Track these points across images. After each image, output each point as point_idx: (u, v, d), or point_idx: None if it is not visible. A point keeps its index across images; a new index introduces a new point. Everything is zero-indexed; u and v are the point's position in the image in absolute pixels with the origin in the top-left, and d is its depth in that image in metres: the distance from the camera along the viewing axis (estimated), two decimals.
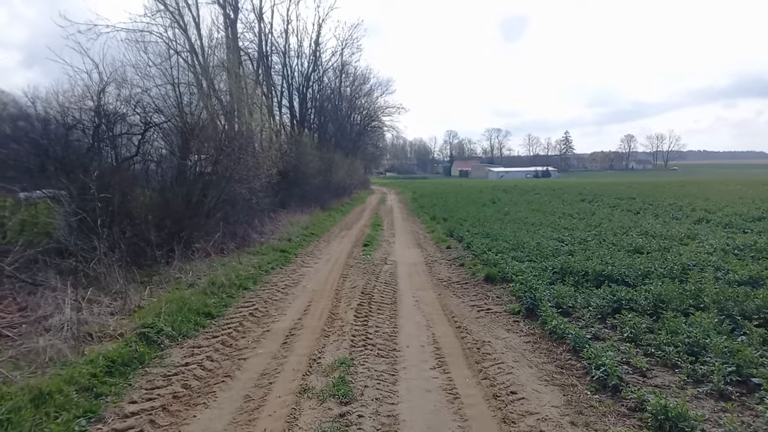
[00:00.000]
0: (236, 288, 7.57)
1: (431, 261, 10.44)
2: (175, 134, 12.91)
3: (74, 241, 7.78)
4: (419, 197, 33.50)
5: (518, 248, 10.11)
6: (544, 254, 9.16)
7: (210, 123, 15.03)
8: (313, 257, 10.95)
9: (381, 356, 4.92)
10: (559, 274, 7.72)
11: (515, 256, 9.31)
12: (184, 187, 12.27)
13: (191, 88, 16.24)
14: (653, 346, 4.85)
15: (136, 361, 4.65)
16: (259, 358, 4.92)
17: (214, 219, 12.28)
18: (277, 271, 9.26)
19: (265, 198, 17.70)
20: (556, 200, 24.21)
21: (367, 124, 55.70)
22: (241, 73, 22.69)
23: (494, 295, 7.40)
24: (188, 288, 7.29)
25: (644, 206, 18.75)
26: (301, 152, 26.14)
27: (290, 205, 19.98)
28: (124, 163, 11.60)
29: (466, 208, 21.05)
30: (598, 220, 13.97)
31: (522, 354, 5.05)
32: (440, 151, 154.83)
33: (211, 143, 13.22)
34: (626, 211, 17.56)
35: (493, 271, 8.33)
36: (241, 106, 16.75)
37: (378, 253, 11.38)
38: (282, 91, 30.72)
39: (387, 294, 7.56)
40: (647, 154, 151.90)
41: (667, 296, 5.96)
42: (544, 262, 8.48)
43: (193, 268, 8.39)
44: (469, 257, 10.25)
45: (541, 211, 17.79)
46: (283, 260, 10.21)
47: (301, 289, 7.93)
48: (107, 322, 5.61)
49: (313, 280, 8.53)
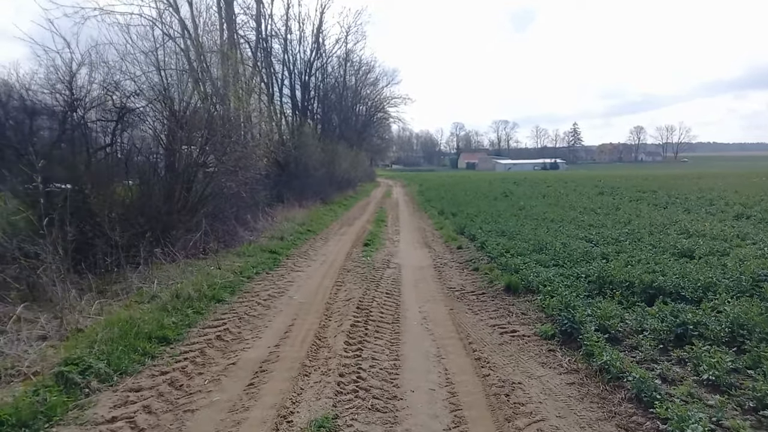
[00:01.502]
0: (207, 301, 6.31)
1: (440, 264, 9.14)
2: (160, 122, 11.69)
3: (17, 244, 6.55)
4: (426, 190, 32.13)
5: (541, 250, 8.77)
6: (573, 258, 7.81)
7: (200, 110, 13.74)
8: (307, 259, 9.68)
9: (376, 409, 3.62)
10: (595, 285, 6.38)
11: (539, 260, 7.97)
12: (164, 180, 11.07)
13: (181, 74, 14.96)
14: (750, 397, 3.54)
15: (41, 419, 3.40)
16: (211, 410, 3.64)
17: (198, 215, 11.06)
18: (262, 277, 7.99)
19: (261, 191, 16.51)
20: (572, 193, 22.75)
21: (372, 115, 54.31)
22: (238, 57, 21.37)
23: (518, 310, 6.08)
24: (148, 301, 6.04)
25: (670, 200, 17.27)
26: (302, 143, 24.86)
27: (289, 199, 18.72)
28: (98, 154, 10.36)
29: (477, 201, 19.66)
30: (626, 216, 12.55)
31: (567, 404, 3.74)
32: (447, 143, 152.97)
33: (198, 132, 11.97)
34: (651, 205, 16.12)
35: (515, 279, 7.00)
36: (228, 90, 15.41)
37: (380, 254, 10.08)
38: (283, 79, 29.32)
39: (388, 309, 6.26)
40: (656, 146, 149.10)
41: (748, 320, 4.61)
42: (575, 269, 7.13)
43: (161, 275, 7.14)
44: (484, 260, 8.93)
45: (559, 206, 16.38)
46: (272, 263, 8.94)
47: (285, 301, 6.66)
48: (27, 353, 4.36)
49: (302, 289, 7.25)
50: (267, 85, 27.22)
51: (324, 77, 35.34)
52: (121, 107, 10.64)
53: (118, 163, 10.62)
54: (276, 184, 21.01)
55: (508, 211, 15.09)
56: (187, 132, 11.69)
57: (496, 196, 21.94)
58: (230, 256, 9.45)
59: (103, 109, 10.82)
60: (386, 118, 59.53)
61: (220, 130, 12.76)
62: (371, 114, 53.74)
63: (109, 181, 9.01)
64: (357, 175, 39.53)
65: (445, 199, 22.33)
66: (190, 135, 11.75)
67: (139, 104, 10.85)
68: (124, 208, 9.28)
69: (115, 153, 11.14)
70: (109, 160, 10.49)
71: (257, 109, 24.99)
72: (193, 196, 11.40)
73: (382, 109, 55.64)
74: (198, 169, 11.53)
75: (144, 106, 10.83)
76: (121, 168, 10.65)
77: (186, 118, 11.62)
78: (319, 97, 34.95)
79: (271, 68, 26.95)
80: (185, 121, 11.62)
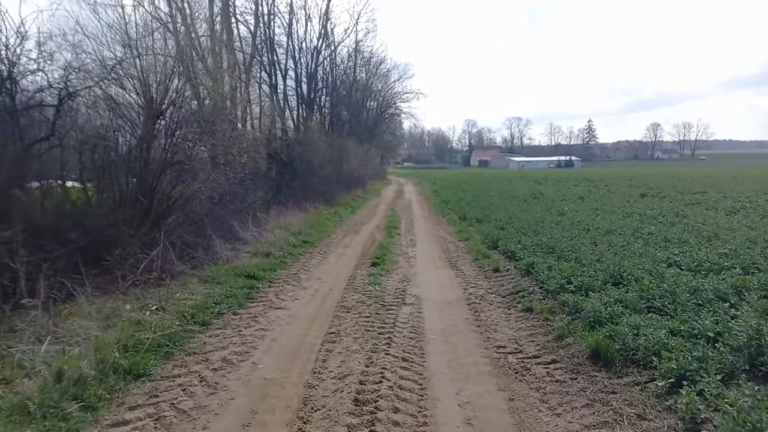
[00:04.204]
0: (117, 379, 3.92)
1: (475, 297, 6.67)
2: (123, 110, 9.47)
3: None
4: (440, 189, 29.57)
5: (619, 281, 6.25)
6: (678, 299, 5.24)
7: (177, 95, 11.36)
8: (296, 287, 7.27)
9: None
10: (742, 357, 3.87)
11: (623, 299, 5.44)
12: (118, 180, 8.81)
13: (160, 58, 12.60)
14: None
15: None
16: None
17: (164, 225, 8.77)
18: (225, 322, 5.58)
19: (256, 192, 14.18)
20: (608, 195, 20.05)
21: (383, 110, 51.84)
22: (235, 36, 19.06)
23: (627, 405, 3.60)
24: (13, 392, 3.68)
25: (734, 204, 14.54)
26: (307, 138, 22.55)
27: (288, 201, 16.34)
28: (33, 147, 8.04)
29: (503, 204, 17.07)
30: (703, 226, 9.91)
31: None
32: (459, 140, 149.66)
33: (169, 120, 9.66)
34: (716, 210, 13.45)
35: (602, 338, 4.50)
36: (217, 74, 13.04)
37: (392, 280, 7.64)
38: (287, 69, 26.88)
39: (407, 398, 3.80)
40: (672, 143, 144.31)
41: None
42: (698, 321, 4.59)
43: (67, 328, 4.77)
44: (537, 293, 6.45)
45: (605, 210, 13.74)
46: (244, 296, 6.54)
47: (246, 372, 4.24)
48: None
49: (275, 348, 4.83)
50: (269, 74, 24.93)
51: (333, 68, 32.96)
52: (65, 88, 8.31)
53: (55, 160, 8.31)
54: (279, 183, 18.69)
55: (546, 217, 12.51)
56: (153, 121, 9.45)
57: (525, 198, 19.28)
58: (193, 283, 7.08)
59: (42, 92, 8.56)
60: (398, 114, 57.15)
61: (195, 118, 10.49)
62: (382, 110, 51.29)
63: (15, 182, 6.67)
64: (367, 173, 37.09)
65: (465, 201, 19.78)
66: (169, 128, 9.51)
67: (83, 85, 8.51)
68: (51, 218, 6.98)
69: (60, 146, 8.81)
70: (42, 155, 8.16)
71: (257, 99, 22.75)
72: (158, 202, 9.12)
73: (394, 105, 53.23)
74: (167, 167, 9.25)
75: (87, 87, 8.46)
76: (56, 165, 8.38)
77: (156, 105, 9.38)
78: (327, 90, 32.58)
79: (273, 54, 24.61)
80: (160, 110, 9.38)
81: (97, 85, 8.61)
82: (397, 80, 49.39)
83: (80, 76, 8.76)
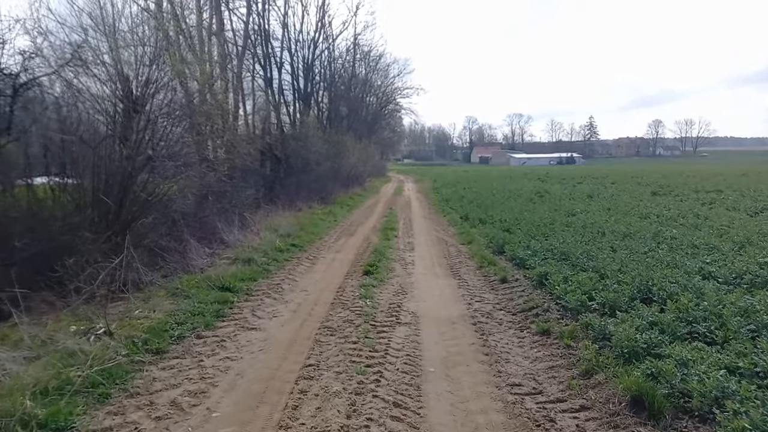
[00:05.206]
0: None
1: (482, 315, 5.77)
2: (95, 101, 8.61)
3: None
4: (441, 187, 28.66)
5: (648, 296, 5.37)
6: (730, 326, 4.35)
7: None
8: (274, 302, 6.36)
9: None
10: None
11: (657, 321, 4.56)
12: (81, 181, 7.92)
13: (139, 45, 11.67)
14: None
15: None
16: None
17: (134, 229, 7.92)
18: (185, 348, 4.68)
19: (245, 190, 13.28)
20: (617, 193, 19.12)
21: (383, 106, 50.89)
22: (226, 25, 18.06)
23: None
24: None
25: (755, 204, 13.61)
26: (303, 133, 21.65)
27: (279, 200, 15.43)
28: None
29: (507, 203, 16.14)
30: (730, 230, 9.01)
31: None
32: (459, 137, 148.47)
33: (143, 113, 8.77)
34: (733, 209, 12.58)
35: (644, 379, 3.62)
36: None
37: (386, 293, 6.74)
38: (282, 61, 25.87)
39: None
40: (674, 140, 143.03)
41: None
42: (758, 355, 3.71)
43: None
44: (554, 311, 5.56)
45: (617, 211, 12.82)
46: (213, 313, 5.63)
47: (192, 430, 3.36)
48: None
49: (239, 386, 3.93)
50: (264, 67, 23.93)
51: (331, 62, 31.98)
52: (16, 75, 7.41)
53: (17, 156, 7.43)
54: (270, 180, 17.80)
55: (555, 218, 11.59)
56: (129, 112, 8.61)
57: (530, 196, 18.34)
58: (158, 296, 6.19)
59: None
60: (398, 110, 56.29)
61: (180, 111, 9.62)
62: (382, 105, 50.32)
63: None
64: (366, 170, 36.14)
65: (466, 199, 18.85)
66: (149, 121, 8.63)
67: (41, 72, 7.60)
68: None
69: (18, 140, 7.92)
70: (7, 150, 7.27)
71: (250, 92, 21.84)
72: (130, 202, 8.23)
73: (394, 101, 52.30)
74: (144, 163, 8.38)
75: (45, 75, 7.56)
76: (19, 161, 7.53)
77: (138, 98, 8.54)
78: (325, 84, 31.60)
79: (268, 46, 23.60)
80: (137, 101, 8.52)
81: (58, 72, 7.71)
82: (397, 75, 48.46)
83: (41, 63, 7.89)
